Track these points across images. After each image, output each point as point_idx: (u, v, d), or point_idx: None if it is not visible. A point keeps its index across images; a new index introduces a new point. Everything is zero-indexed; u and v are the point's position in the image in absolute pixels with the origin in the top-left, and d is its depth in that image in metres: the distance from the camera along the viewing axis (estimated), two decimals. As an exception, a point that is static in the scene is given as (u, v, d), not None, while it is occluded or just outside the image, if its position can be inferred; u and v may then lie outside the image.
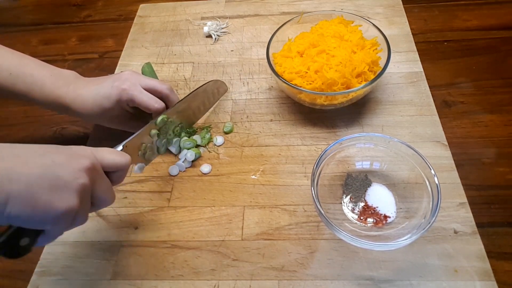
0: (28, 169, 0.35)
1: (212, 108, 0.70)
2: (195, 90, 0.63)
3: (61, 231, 0.39)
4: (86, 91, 0.56)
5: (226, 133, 0.67)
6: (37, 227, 0.37)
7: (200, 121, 0.68)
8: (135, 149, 0.54)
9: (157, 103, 0.56)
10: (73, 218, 0.38)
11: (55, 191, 0.36)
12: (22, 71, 0.54)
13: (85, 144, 0.67)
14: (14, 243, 0.37)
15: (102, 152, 0.43)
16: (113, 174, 0.45)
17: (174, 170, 0.62)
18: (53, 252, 0.56)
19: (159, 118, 0.57)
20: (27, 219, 0.35)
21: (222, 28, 0.84)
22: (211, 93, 0.68)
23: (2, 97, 0.56)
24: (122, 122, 0.61)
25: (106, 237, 0.57)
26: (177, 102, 0.60)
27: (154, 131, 0.57)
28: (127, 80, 0.56)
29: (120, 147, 0.51)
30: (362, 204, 0.55)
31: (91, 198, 0.41)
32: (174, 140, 0.63)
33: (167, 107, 0.59)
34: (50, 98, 0.56)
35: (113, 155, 0.44)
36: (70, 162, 0.38)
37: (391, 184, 0.56)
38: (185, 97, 0.61)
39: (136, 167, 0.56)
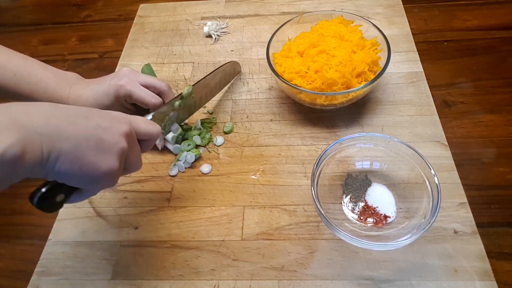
0: (77, 130, 0.37)
1: (223, 90, 0.72)
2: (216, 69, 0.66)
3: (96, 191, 0.42)
4: (87, 91, 0.57)
5: (226, 133, 0.67)
6: (80, 185, 0.40)
7: (202, 117, 0.68)
8: (160, 120, 0.58)
9: (154, 98, 0.57)
10: (113, 178, 0.41)
11: (99, 152, 0.38)
12: (26, 73, 0.55)
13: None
14: (51, 198, 0.39)
15: (137, 120, 0.45)
16: (143, 142, 0.47)
17: (174, 170, 0.62)
18: (53, 252, 0.56)
19: (185, 89, 0.60)
20: (73, 176, 0.38)
21: (222, 28, 0.84)
22: (228, 73, 0.71)
23: (6, 98, 0.57)
24: None
25: (106, 237, 0.57)
26: (201, 79, 0.63)
27: (177, 102, 0.60)
28: (125, 77, 0.57)
29: (150, 117, 0.54)
30: (362, 204, 0.55)
31: (124, 163, 0.43)
32: (174, 127, 0.63)
33: (164, 103, 0.60)
34: (53, 99, 0.56)
35: (147, 125, 0.46)
36: (112, 127, 0.40)
37: (391, 184, 0.56)
38: (207, 75, 0.64)
39: (157, 140, 0.59)
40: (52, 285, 0.53)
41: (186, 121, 0.67)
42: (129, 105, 0.59)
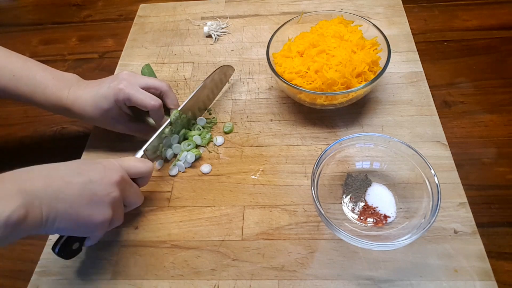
0: (71, 189, 0.42)
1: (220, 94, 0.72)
2: (203, 82, 0.65)
3: (100, 234, 0.48)
4: (86, 93, 0.57)
5: (226, 133, 0.67)
6: (80, 235, 0.47)
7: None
8: (154, 150, 0.60)
9: (153, 100, 0.57)
10: (109, 224, 0.47)
11: (92, 206, 0.43)
12: (25, 74, 0.56)
13: (85, 144, 0.67)
14: (68, 246, 0.48)
15: (127, 162, 0.50)
16: (139, 179, 0.52)
17: (174, 170, 0.62)
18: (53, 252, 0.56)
19: (172, 114, 0.60)
20: (71, 230, 0.44)
21: (222, 28, 0.84)
22: (219, 79, 0.70)
23: (5, 98, 0.58)
24: (121, 123, 0.62)
25: (106, 237, 0.56)
26: (188, 98, 0.63)
27: (167, 129, 0.60)
28: (124, 80, 0.57)
29: (141, 153, 0.56)
30: (362, 204, 0.55)
31: (124, 203, 0.49)
32: (174, 143, 0.64)
33: (164, 104, 0.60)
34: (52, 100, 0.57)
35: (137, 164, 0.51)
36: (103, 179, 0.44)
37: (391, 184, 0.56)
38: (195, 92, 0.64)
39: (157, 164, 0.63)
40: (52, 285, 0.53)
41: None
42: (128, 108, 0.59)
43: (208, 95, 0.68)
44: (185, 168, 0.63)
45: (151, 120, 0.62)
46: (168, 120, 0.60)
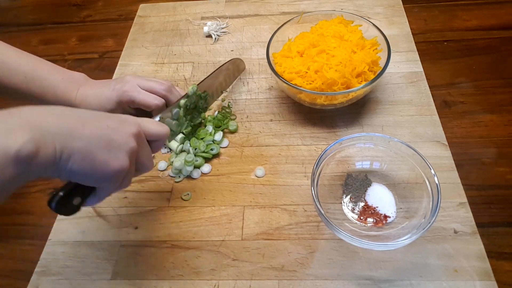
0: (88, 130, 0.39)
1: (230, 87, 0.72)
2: (219, 67, 0.66)
3: (109, 191, 0.43)
4: (91, 94, 0.59)
5: (231, 132, 0.66)
6: (92, 184, 0.41)
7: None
8: (168, 123, 0.57)
9: (156, 99, 0.58)
10: (123, 177, 0.42)
11: (110, 151, 0.40)
12: (36, 75, 0.57)
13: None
14: (68, 201, 0.41)
15: (146, 122, 0.47)
16: (153, 143, 0.48)
17: (174, 172, 0.62)
18: (53, 252, 0.56)
19: (190, 88, 0.59)
20: (86, 174, 0.39)
21: (222, 28, 0.84)
22: (232, 71, 0.70)
23: (16, 98, 0.58)
24: None
25: (106, 237, 0.57)
26: (204, 78, 0.63)
27: (183, 101, 0.59)
28: (128, 83, 0.58)
29: (157, 118, 0.54)
30: (362, 204, 0.55)
31: (135, 163, 0.45)
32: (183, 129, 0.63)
33: (167, 105, 0.60)
34: (62, 101, 0.58)
35: (155, 125, 0.47)
36: (122, 127, 0.42)
37: (391, 184, 0.56)
38: (210, 74, 0.64)
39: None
40: (52, 285, 0.53)
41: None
42: (132, 110, 0.60)
43: (221, 83, 0.68)
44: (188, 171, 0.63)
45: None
46: (186, 93, 0.60)
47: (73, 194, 0.42)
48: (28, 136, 0.34)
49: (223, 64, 0.67)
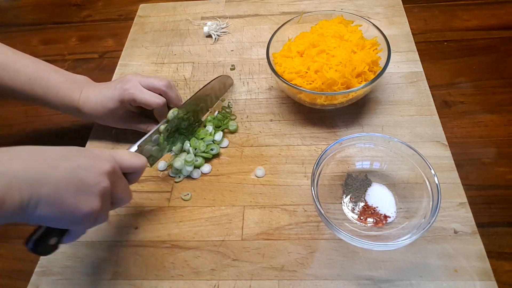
0: (57, 173, 0.37)
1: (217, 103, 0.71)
2: (204, 87, 0.65)
3: (84, 230, 0.43)
4: (94, 94, 0.59)
5: (232, 132, 0.66)
6: (63, 227, 0.41)
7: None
8: (148, 148, 0.57)
9: (157, 98, 0.58)
10: (95, 218, 0.41)
11: (79, 194, 0.39)
12: (39, 77, 0.58)
13: (84, 144, 0.67)
14: (44, 242, 0.41)
15: (120, 155, 0.46)
16: (130, 175, 0.48)
17: (174, 172, 0.62)
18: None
19: (170, 112, 0.59)
20: (54, 219, 0.38)
21: (222, 28, 0.84)
22: (218, 88, 0.70)
23: (20, 100, 0.60)
24: (128, 121, 0.64)
25: (106, 237, 0.57)
26: (188, 99, 0.63)
27: (163, 126, 0.59)
28: (129, 81, 0.58)
29: (134, 148, 0.54)
30: (362, 204, 0.55)
31: (111, 199, 0.44)
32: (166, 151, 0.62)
33: (168, 102, 0.61)
34: (65, 102, 0.59)
35: (131, 158, 0.47)
36: (93, 166, 0.40)
37: (391, 184, 0.56)
38: (194, 94, 0.64)
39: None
40: (52, 285, 0.53)
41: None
42: (135, 108, 0.61)
43: (207, 101, 0.68)
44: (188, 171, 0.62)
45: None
46: (167, 118, 0.59)
47: (49, 235, 0.41)
48: None
49: (209, 82, 0.66)
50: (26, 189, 0.35)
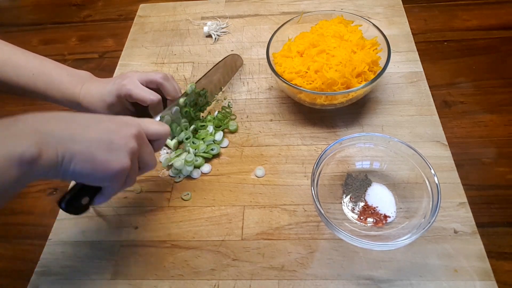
0: (88, 133, 0.41)
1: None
2: (217, 64, 0.67)
3: (115, 190, 0.46)
4: (95, 88, 0.60)
5: (232, 132, 0.66)
6: (96, 184, 0.44)
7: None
8: (168, 121, 0.59)
9: (152, 95, 0.58)
10: (125, 177, 0.44)
11: (110, 152, 0.42)
12: (42, 72, 0.59)
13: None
14: (77, 201, 0.44)
15: (146, 123, 0.49)
16: (154, 142, 0.50)
17: (174, 172, 0.62)
18: (53, 252, 0.56)
19: (188, 86, 0.61)
20: (88, 175, 0.41)
21: (222, 28, 0.84)
22: (230, 67, 0.71)
23: (23, 95, 0.60)
24: None
25: (106, 237, 0.57)
26: (202, 76, 0.64)
27: (182, 100, 0.60)
28: (127, 77, 0.59)
29: (158, 118, 0.57)
30: (362, 204, 0.55)
31: (138, 163, 0.47)
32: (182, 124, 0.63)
33: (163, 98, 0.61)
34: (67, 96, 0.60)
35: (155, 125, 0.49)
36: (121, 129, 0.44)
37: (391, 184, 0.56)
38: (208, 71, 0.65)
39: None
40: (52, 285, 0.53)
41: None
42: (130, 104, 0.60)
43: (220, 79, 0.69)
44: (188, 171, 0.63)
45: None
46: (185, 91, 0.61)
47: (81, 194, 0.44)
48: (31, 140, 0.36)
49: (220, 61, 0.68)
50: (61, 145, 0.39)
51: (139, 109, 0.63)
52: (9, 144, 0.35)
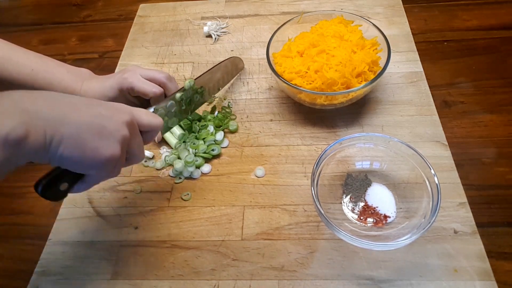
0: (79, 116, 0.38)
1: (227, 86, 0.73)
2: (218, 64, 0.67)
3: (99, 179, 0.43)
4: (96, 84, 0.60)
5: (232, 132, 0.66)
6: (82, 171, 0.41)
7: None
8: (162, 115, 0.57)
9: (154, 88, 0.58)
10: (114, 166, 0.42)
11: (101, 138, 0.39)
12: (42, 68, 0.59)
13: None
14: (55, 186, 0.41)
15: (139, 112, 0.46)
16: (145, 134, 0.48)
17: (174, 172, 0.62)
18: (53, 252, 0.56)
19: (187, 82, 0.60)
20: (76, 161, 0.39)
21: (222, 28, 0.84)
22: (230, 69, 0.71)
23: None
24: None
25: (106, 237, 0.57)
26: (202, 74, 0.64)
27: (179, 95, 0.59)
28: (129, 71, 0.59)
29: (151, 109, 0.55)
30: (362, 204, 0.55)
31: (126, 153, 0.44)
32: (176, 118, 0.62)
33: (165, 94, 0.61)
34: (67, 92, 0.59)
35: (149, 116, 0.47)
36: (114, 115, 0.41)
37: (391, 184, 0.56)
38: (208, 70, 0.64)
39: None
40: (52, 285, 0.53)
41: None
42: (133, 98, 0.61)
43: (218, 81, 0.69)
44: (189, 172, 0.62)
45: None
46: (182, 86, 0.60)
47: (60, 180, 0.41)
48: (18, 119, 0.34)
49: (221, 61, 0.68)
50: (50, 127, 0.36)
51: (141, 104, 0.63)
52: None
